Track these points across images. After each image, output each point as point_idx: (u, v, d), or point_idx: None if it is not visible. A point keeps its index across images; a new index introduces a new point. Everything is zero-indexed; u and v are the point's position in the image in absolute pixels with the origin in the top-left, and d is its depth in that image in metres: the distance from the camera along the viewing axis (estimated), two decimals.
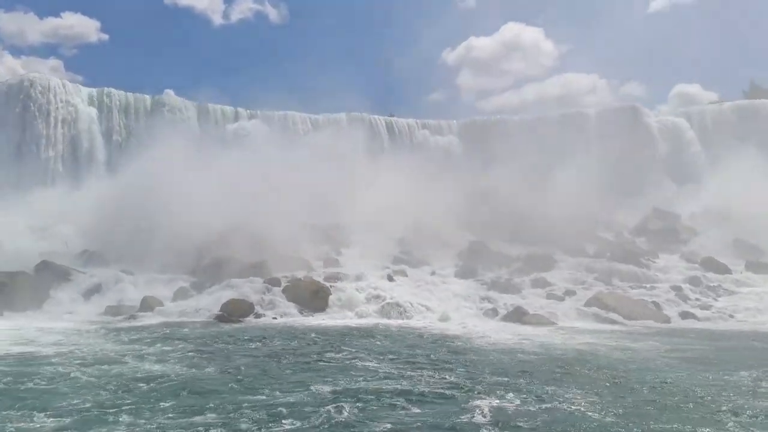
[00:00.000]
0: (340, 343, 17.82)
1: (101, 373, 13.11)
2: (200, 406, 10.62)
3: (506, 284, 29.29)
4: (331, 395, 11.40)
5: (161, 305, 26.05)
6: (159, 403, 10.67)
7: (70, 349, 16.14)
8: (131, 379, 12.53)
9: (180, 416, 10.00)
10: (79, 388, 11.67)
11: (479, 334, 19.91)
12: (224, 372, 13.53)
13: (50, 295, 27.13)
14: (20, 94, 45.08)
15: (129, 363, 14.36)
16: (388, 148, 56.45)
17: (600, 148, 50.33)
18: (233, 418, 9.97)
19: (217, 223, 34.67)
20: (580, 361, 14.94)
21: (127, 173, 42.47)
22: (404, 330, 21.19)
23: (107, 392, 11.45)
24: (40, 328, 20.84)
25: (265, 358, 15.40)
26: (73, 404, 10.55)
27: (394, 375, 13.16)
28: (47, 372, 13.08)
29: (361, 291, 27.28)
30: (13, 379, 12.37)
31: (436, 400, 11.06)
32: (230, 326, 22.39)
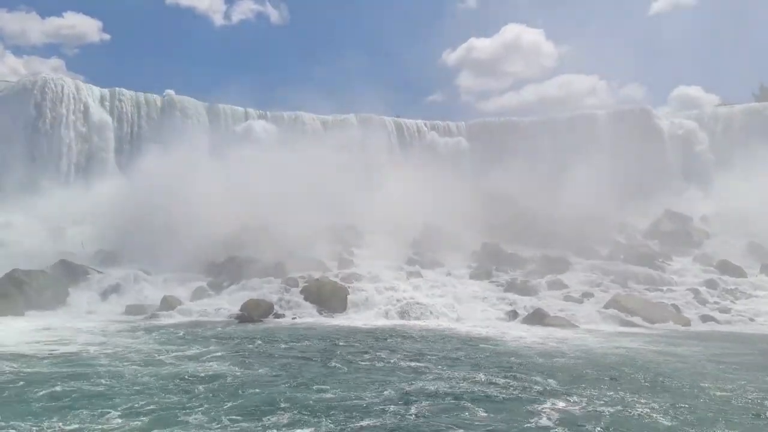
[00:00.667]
0: (374, 344, 17.89)
1: (153, 372, 13.10)
2: (268, 405, 10.63)
3: (522, 286, 29.29)
4: (396, 395, 11.42)
5: (181, 304, 26.11)
6: (225, 404, 10.66)
7: (113, 350, 16.12)
8: (187, 380, 12.50)
9: (251, 416, 10.00)
10: (140, 389, 11.63)
11: (508, 336, 19.89)
12: (276, 372, 13.54)
13: (69, 294, 27.24)
14: (33, 93, 45.14)
15: (175, 363, 14.39)
16: (396, 149, 56.51)
17: (610, 149, 50.25)
18: (308, 417, 9.99)
19: (230, 224, 34.82)
20: (628, 365, 14.82)
21: (140, 173, 42.49)
22: (430, 331, 21.23)
23: (169, 393, 11.42)
24: (70, 327, 20.88)
25: (309, 358, 15.44)
26: (140, 404, 10.52)
27: (446, 376, 13.16)
28: (101, 372, 13.05)
29: (379, 292, 27.32)
30: (73, 379, 12.31)
31: (499, 402, 11.06)
32: (254, 326, 22.46)
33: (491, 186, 47.04)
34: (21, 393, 11.26)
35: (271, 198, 37.41)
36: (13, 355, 14.86)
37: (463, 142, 57.82)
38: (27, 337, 17.90)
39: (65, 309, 26.10)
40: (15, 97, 45.76)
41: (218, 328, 21.43)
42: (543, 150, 53.27)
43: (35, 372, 13.09)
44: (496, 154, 53.56)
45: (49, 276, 27.56)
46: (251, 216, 35.79)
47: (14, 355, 14.80)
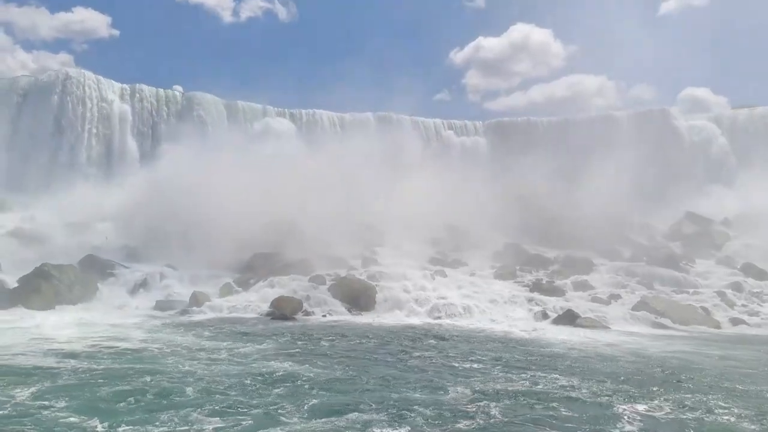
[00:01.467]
0: (419, 343, 17.98)
1: (223, 371, 13.07)
2: (354, 404, 10.69)
3: (548, 286, 29.27)
4: (473, 395, 11.53)
5: (210, 301, 26.20)
6: (309, 402, 10.71)
7: (169, 346, 16.16)
8: (261, 379, 12.47)
9: (343, 415, 10.06)
10: (220, 388, 11.59)
11: (549, 337, 19.94)
12: (343, 370, 13.58)
13: (98, 289, 27.32)
14: (56, 88, 45.33)
15: (237, 360, 14.45)
16: (414, 148, 56.38)
17: (629, 150, 50.02)
18: (401, 416, 10.07)
19: (253, 221, 34.85)
20: (688, 369, 14.79)
21: (160, 169, 42.67)
22: (467, 331, 21.27)
23: (251, 392, 11.42)
24: (109, 322, 21.04)
25: (367, 357, 15.55)
26: (230, 404, 10.53)
27: (511, 377, 13.25)
28: (170, 370, 13.07)
29: (407, 291, 27.33)
30: (149, 375, 12.33)
31: (578, 404, 11.09)
32: (290, 323, 22.53)
33: (510, 186, 46.91)
34: (108, 391, 11.16)
35: (291, 196, 37.50)
36: (72, 352, 14.84)
37: (480, 142, 57.76)
38: (72, 331, 18.00)
39: (94, 303, 26.21)
40: (37, 93, 45.95)
41: (257, 325, 21.52)
42: (562, 150, 53.17)
43: (107, 369, 12.99)
44: (514, 153, 53.36)
45: (77, 271, 27.68)
46: (273, 213, 35.82)
47: (75, 353, 14.74)
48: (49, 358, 13.95)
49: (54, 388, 11.21)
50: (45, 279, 25.68)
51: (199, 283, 29.17)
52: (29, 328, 18.52)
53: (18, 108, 45.46)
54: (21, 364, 13.10)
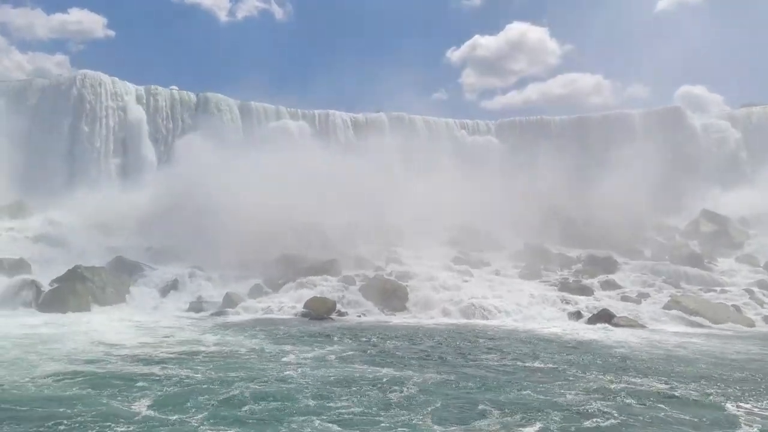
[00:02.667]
0: (477, 344, 18.04)
1: (320, 376, 12.88)
2: (472, 408, 10.71)
3: (576, 286, 29.40)
4: (577, 395, 11.62)
5: (243, 302, 26.28)
6: (429, 406, 10.65)
7: (245, 352, 15.99)
8: (363, 384, 12.34)
9: (474, 419, 10.08)
10: (329, 394, 11.36)
11: (599, 336, 20.02)
12: (435, 373, 13.48)
13: (130, 291, 27.38)
14: (72, 90, 45.34)
15: (318, 364, 14.40)
16: (427, 148, 56.41)
17: (645, 149, 50.11)
18: (530, 416, 10.14)
19: (275, 222, 34.95)
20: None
21: (177, 171, 42.71)
22: (511, 331, 21.36)
23: (360, 397, 11.31)
24: (154, 322, 21.20)
25: (437, 359, 15.54)
26: (348, 411, 10.40)
27: (594, 378, 13.29)
28: (263, 375, 12.82)
29: (437, 291, 27.44)
30: (249, 384, 12.06)
31: (687, 405, 11.13)
32: (330, 324, 22.61)
33: (526, 185, 47.01)
34: (223, 399, 11.00)
35: (309, 197, 37.56)
36: (150, 357, 14.63)
37: (493, 141, 57.76)
38: (130, 335, 17.93)
39: (127, 305, 26.28)
40: (53, 95, 45.94)
41: (301, 326, 21.54)
42: (575, 149, 53.28)
43: (207, 376, 12.69)
44: (528, 153, 53.41)
45: (108, 272, 27.77)
46: (293, 215, 35.93)
47: (158, 359, 14.47)
48: (136, 365, 13.60)
49: (169, 398, 11.01)
50: (80, 281, 25.79)
51: (228, 284, 29.27)
52: (84, 332, 18.30)
53: (34, 110, 45.41)
54: (115, 373, 12.86)
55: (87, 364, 13.43)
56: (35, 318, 21.53)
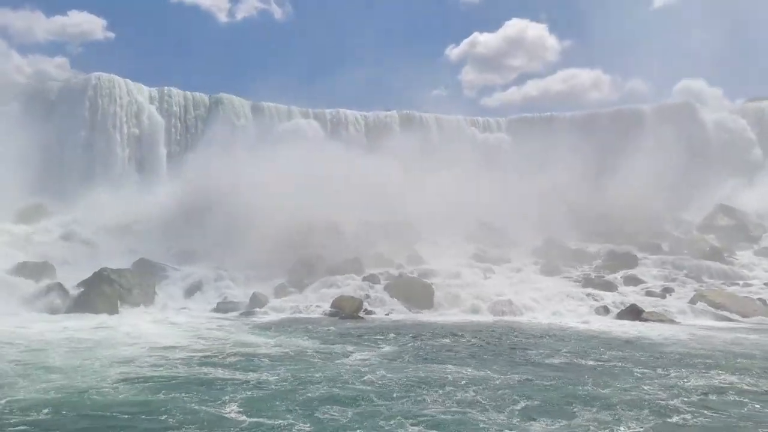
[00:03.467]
0: (521, 341, 18.08)
1: (384, 374, 13.02)
2: (560, 405, 10.74)
3: (599, 281, 29.49)
4: (655, 393, 11.63)
5: (269, 301, 26.38)
6: (513, 406, 10.58)
7: (307, 352, 15.96)
8: (429, 381, 12.31)
9: (563, 417, 10.06)
10: (407, 396, 11.36)
11: (639, 332, 20.01)
12: (499, 372, 13.43)
13: (156, 292, 27.48)
14: (88, 93, 45.45)
15: (378, 363, 14.38)
16: (439, 146, 56.45)
17: (657, 144, 50.10)
18: (620, 414, 10.16)
19: (294, 222, 35.05)
20: None
21: (196, 172, 42.79)
22: (546, 328, 21.39)
23: (445, 397, 11.21)
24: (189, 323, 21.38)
25: (490, 357, 15.48)
26: (430, 409, 10.38)
27: (661, 374, 13.30)
28: (338, 376, 12.85)
29: (462, 288, 27.49)
30: (329, 384, 12.10)
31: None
32: (362, 323, 22.71)
33: (538, 181, 47.07)
34: (307, 403, 10.84)
35: (326, 196, 37.61)
36: (213, 359, 14.50)
37: (504, 138, 57.74)
38: (177, 337, 17.95)
39: (154, 306, 26.36)
40: (69, 98, 46.03)
41: (335, 326, 21.61)
42: (588, 145, 53.16)
43: (279, 378, 12.65)
44: (539, 149, 53.26)
45: (134, 273, 27.85)
46: (312, 214, 36.03)
47: (218, 361, 14.32)
48: (205, 368, 13.36)
49: (257, 402, 10.86)
50: (107, 283, 25.85)
51: (252, 284, 29.34)
52: (129, 334, 18.29)
53: (49, 113, 45.50)
54: (188, 377, 12.69)
55: (154, 368, 13.36)
56: (70, 321, 21.63)
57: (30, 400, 10.66)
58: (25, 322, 20.90)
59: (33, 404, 10.39)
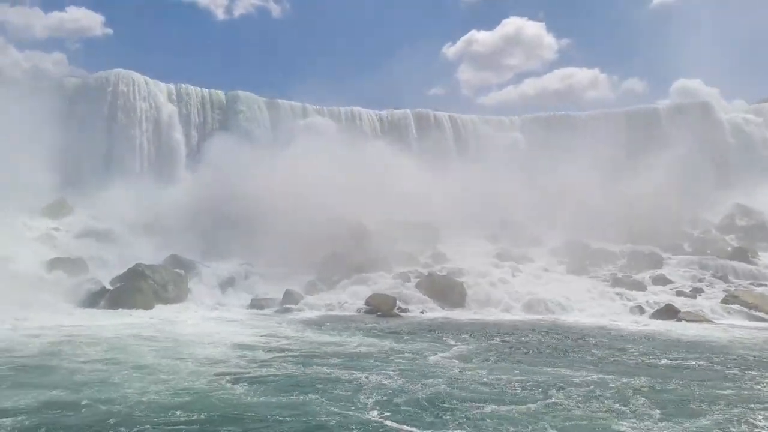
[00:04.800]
0: (576, 342, 18.11)
1: (485, 375, 13.03)
2: (681, 405, 10.80)
3: (628, 281, 29.55)
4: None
5: (303, 299, 26.49)
6: (651, 409, 10.56)
7: (373, 349, 16.06)
8: (547, 385, 12.19)
9: (686, 417, 10.17)
10: (521, 394, 11.40)
11: (692, 332, 20.06)
12: (598, 374, 13.39)
13: (190, 288, 27.59)
14: (107, 89, 45.53)
15: (465, 363, 14.39)
16: (453, 145, 56.58)
17: (673, 144, 50.24)
18: (741, 414, 10.27)
19: (316, 220, 35.13)
20: None
21: (213, 168, 42.83)
22: (593, 327, 21.44)
23: (552, 397, 11.25)
24: (240, 320, 21.59)
25: (565, 356, 15.62)
26: (579, 413, 10.31)
27: (749, 376, 13.31)
28: (451, 376, 12.88)
29: (494, 286, 27.65)
30: (441, 385, 12.00)
31: None
32: (405, 321, 22.91)
33: (554, 180, 47.16)
34: (435, 404, 10.73)
35: (345, 194, 37.70)
36: (305, 358, 14.52)
37: (519, 137, 57.81)
38: (240, 334, 18.03)
39: (189, 302, 26.50)
40: (88, 94, 46.07)
41: (381, 323, 21.75)
42: (603, 144, 53.27)
43: (386, 377, 12.62)
44: (554, 148, 53.34)
45: (167, 270, 27.95)
46: (335, 212, 36.10)
47: (313, 360, 14.38)
48: (306, 367, 13.59)
49: (387, 404, 10.75)
50: (142, 279, 25.98)
51: (281, 281, 29.42)
52: (200, 334, 18.18)
53: (68, 109, 45.44)
54: (297, 376, 12.74)
55: (259, 368, 13.28)
56: (120, 317, 21.86)
57: (155, 402, 10.50)
58: (74, 318, 21.12)
59: (162, 407, 10.25)
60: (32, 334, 17.38)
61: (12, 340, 16.29)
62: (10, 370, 12.72)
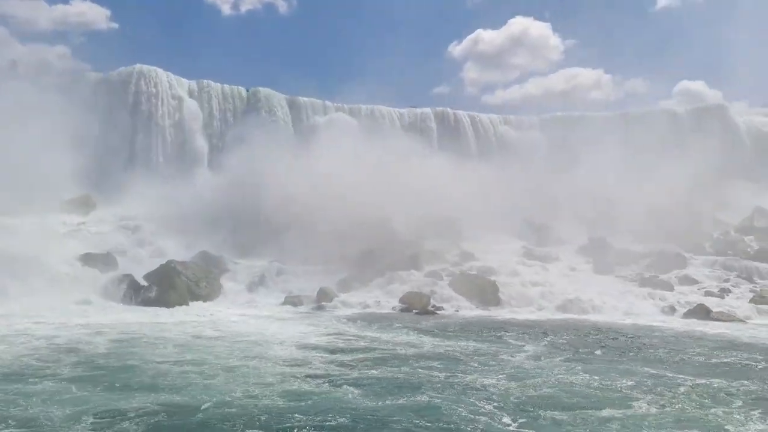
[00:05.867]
0: (634, 342, 18.24)
1: (588, 378, 13.01)
2: None
3: (654, 281, 29.74)
4: None
5: (337, 296, 26.72)
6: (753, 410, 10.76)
7: (458, 351, 16.09)
8: (638, 387, 12.34)
9: None
10: (634, 396, 11.55)
11: (735, 333, 20.27)
12: (673, 372, 13.70)
13: (221, 285, 27.84)
14: (131, 85, 45.84)
15: (552, 363, 14.60)
16: (474, 144, 56.80)
17: (690, 146, 50.35)
18: None
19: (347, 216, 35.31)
20: None
21: (237, 165, 43.04)
22: (634, 327, 21.64)
23: (670, 400, 11.41)
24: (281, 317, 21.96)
25: (640, 356, 15.74)
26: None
27: None
28: (530, 377, 13.02)
29: (525, 286, 27.85)
30: (545, 387, 12.21)
31: None
32: (445, 320, 23.02)
33: (574, 180, 47.30)
34: (555, 406, 10.85)
35: (369, 192, 37.84)
36: (393, 359, 14.76)
37: (537, 136, 58.00)
38: (299, 332, 18.28)
39: (223, 298, 26.76)
40: (110, 89, 46.41)
41: (422, 322, 21.88)
42: (620, 145, 53.39)
43: (493, 380, 12.70)
44: (573, 148, 53.51)
45: (199, 266, 28.22)
46: (362, 210, 36.25)
47: (406, 361, 14.54)
48: (406, 367, 13.76)
49: (513, 410, 10.73)
50: (176, 275, 26.19)
51: (312, 278, 29.62)
52: (258, 333, 18.28)
53: (90, 104, 45.63)
54: (405, 379, 12.70)
55: (350, 369, 13.35)
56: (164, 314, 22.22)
57: (270, 407, 10.54)
58: (117, 315, 21.40)
59: (278, 410, 10.32)
60: (88, 332, 17.48)
61: (72, 338, 16.39)
62: (94, 370, 12.83)
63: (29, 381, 11.80)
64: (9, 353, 14.22)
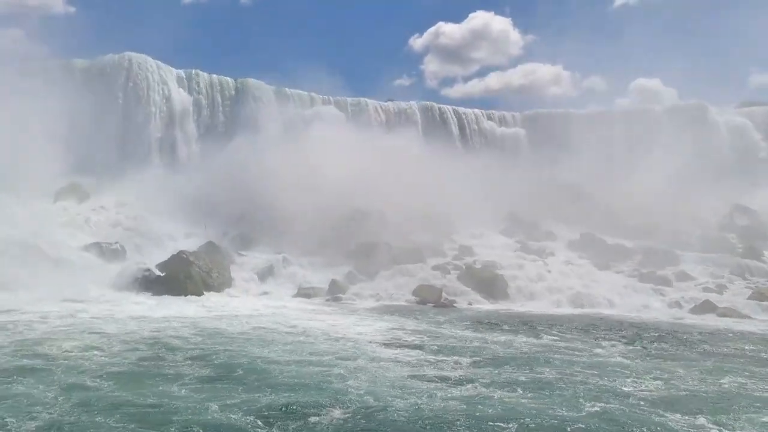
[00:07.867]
0: (667, 337, 18.45)
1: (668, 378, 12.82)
2: None
3: (653, 276, 30.56)
4: None
5: (348, 288, 26.89)
6: None
7: (475, 346, 15.84)
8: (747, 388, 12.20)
9: None
10: (726, 397, 11.44)
11: (750, 328, 20.97)
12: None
13: (232, 276, 27.77)
14: (120, 73, 45.02)
15: (635, 362, 14.38)
16: (459, 138, 57.28)
17: (668, 144, 51.69)
18: None
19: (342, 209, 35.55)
20: None
21: (228, 156, 42.79)
22: (654, 321, 22.26)
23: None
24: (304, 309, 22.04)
25: (679, 352, 15.89)
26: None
27: None
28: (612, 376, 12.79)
29: (532, 281, 28.40)
30: (626, 387, 11.92)
31: None
32: (466, 313, 23.33)
33: (558, 176, 48.24)
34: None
35: (360, 185, 38.08)
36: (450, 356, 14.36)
37: (520, 133, 58.79)
38: (346, 326, 18.31)
39: (234, 289, 26.71)
40: (99, 77, 45.48)
41: (446, 315, 22.21)
42: (602, 142, 54.52)
43: (579, 380, 12.31)
44: (554, 145, 54.33)
45: (209, 257, 28.06)
46: (357, 203, 36.50)
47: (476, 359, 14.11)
48: (467, 367, 13.37)
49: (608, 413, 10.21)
50: (189, 265, 26.05)
51: (317, 270, 29.82)
52: (305, 328, 17.66)
53: (78, 92, 44.61)
54: (467, 378, 12.19)
55: (449, 368, 13.08)
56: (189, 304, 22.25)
57: (387, 407, 10.08)
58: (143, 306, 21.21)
59: (399, 410, 9.91)
60: (129, 325, 17.00)
61: (145, 334, 15.59)
62: (216, 369, 12.22)
63: (159, 383, 11.00)
64: (108, 350, 13.55)
